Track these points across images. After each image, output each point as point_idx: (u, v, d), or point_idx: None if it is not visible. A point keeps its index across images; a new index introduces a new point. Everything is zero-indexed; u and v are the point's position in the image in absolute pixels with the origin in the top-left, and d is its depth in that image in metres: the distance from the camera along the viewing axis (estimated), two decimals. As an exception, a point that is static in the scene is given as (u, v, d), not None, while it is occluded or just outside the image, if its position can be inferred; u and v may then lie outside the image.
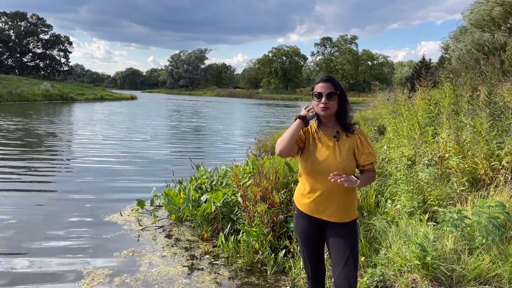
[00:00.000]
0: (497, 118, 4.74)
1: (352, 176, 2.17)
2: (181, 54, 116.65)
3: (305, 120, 2.30)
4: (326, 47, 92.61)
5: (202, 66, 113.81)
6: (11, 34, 65.78)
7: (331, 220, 2.29)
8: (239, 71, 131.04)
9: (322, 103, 2.26)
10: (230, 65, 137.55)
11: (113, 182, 7.55)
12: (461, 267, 3.02)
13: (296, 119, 2.30)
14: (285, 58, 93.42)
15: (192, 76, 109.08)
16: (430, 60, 38.18)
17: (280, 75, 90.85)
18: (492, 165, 4.22)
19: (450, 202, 4.07)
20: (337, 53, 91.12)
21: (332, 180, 2.08)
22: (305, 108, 2.37)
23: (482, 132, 4.40)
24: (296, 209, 2.46)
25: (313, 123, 2.43)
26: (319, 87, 2.29)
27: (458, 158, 4.49)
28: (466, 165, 4.40)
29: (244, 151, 11.37)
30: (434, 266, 3.03)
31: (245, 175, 5.38)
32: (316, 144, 2.33)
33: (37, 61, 69.64)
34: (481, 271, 2.98)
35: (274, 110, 39.19)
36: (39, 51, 69.22)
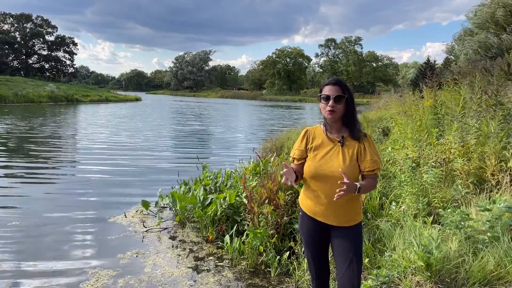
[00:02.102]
0: (505, 120, 4.72)
1: (355, 183, 2.15)
2: (185, 55, 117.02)
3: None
4: (330, 49, 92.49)
5: (206, 67, 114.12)
6: (17, 35, 66.10)
7: (335, 224, 2.29)
8: (243, 72, 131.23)
9: (329, 106, 2.23)
10: (234, 67, 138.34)
11: (118, 184, 7.59)
12: (465, 269, 3.01)
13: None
14: (288, 59, 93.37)
15: (196, 78, 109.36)
16: (435, 61, 37.90)
17: (284, 76, 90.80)
18: (500, 165, 4.21)
19: (454, 204, 4.05)
20: (341, 55, 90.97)
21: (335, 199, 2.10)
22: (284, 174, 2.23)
23: (490, 133, 4.38)
24: (300, 211, 2.46)
25: (318, 126, 2.43)
26: (327, 90, 2.26)
27: (463, 160, 4.47)
28: (471, 167, 4.38)
29: (249, 153, 11.36)
30: (438, 268, 3.02)
31: (252, 176, 5.38)
32: (321, 149, 2.32)
33: (43, 62, 69.91)
34: (486, 273, 2.96)
35: (278, 112, 39.18)
36: (44, 52, 69.51)
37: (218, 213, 4.79)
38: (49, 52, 69.60)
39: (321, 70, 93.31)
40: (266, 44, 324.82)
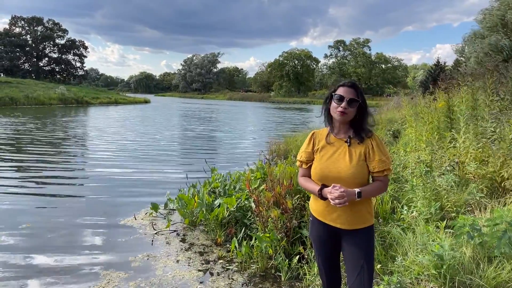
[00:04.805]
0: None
1: (354, 189, 2.12)
2: (194, 58, 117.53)
3: (321, 197, 2.23)
4: (340, 50, 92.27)
5: (215, 69, 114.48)
6: (28, 38, 67.09)
7: (344, 228, 2.25)
8: (251, 74, 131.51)
9: (341, 107, 2.20)
10: (242, 69, 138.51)
11: (127, 186, 7.61)
12: (480, 276, 2.95)
13: (318, 190, 2.22)
14: (296, 61, 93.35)
15: (204, 80, 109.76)
16: (445, 63, 37.65)
17: (292, 78, 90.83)
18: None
19: (468, 209, 4.00)
20: (350, 56, 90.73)
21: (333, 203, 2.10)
22: (331, 193, 2.12)
23: (506, 136, 4.32)
24: (311, 215, 2.43)
25: (325, 129, 2.39)
26: (341, 91, 2.23)
27: (477, 164, 4.41)
28: (485, 171, 4.31)
29: (256, 155, 11.36)
30: (452, 275, 2.97)
31: (256, 180, 5.38)
32: (327, 149, 2.29)
33: (53, 65, 70.82)
34: (501, 280, 2.91)
35: (286, 114, 39.13)
36: (55, 55, 70.46)
37: (221, 216, 4.79)
38: (60, 55, 70.54)
39: (329, 71, 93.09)
40: (275, 46, 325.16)
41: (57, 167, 9.25)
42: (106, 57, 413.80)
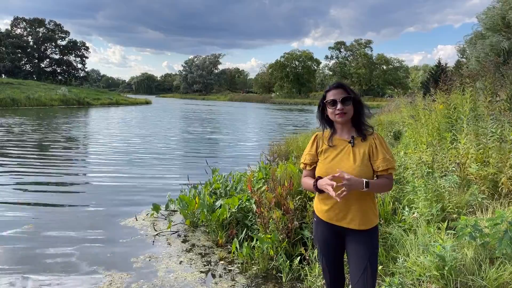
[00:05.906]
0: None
1: (362, 179, 2.11)
2: (195, 59, 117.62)
3: (317, 189, 2.24)
4: (341, 51, 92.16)
5: (216, 71, 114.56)
6: (30, 40, 67.24)
7: (350, 227, 2.26)
8: (252, 75, 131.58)
9: (338, 109, 2.23)
10: (243, 70, 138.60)
11: (128, 187, 7.63)
12: (482, 277, 2.95)
13: (314, 185, 2.24)
14: (297, 62, 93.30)
15: (205, 81, 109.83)
16: (446, 64, 37.61)
17: (293, 79, 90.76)
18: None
19: (470, 210, 3.99)
20: (351, 58, 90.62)
21: (338, 197, 2.06)
22: (326, 183, 2.13)
23: (506, 137, 4.31)
24: (315, 217, 2.43)
25: (327, 131, 2.40)
26: (331, 95, 2.27)
27: (478, 165, 4.41)
28: (487, 172, 4.31)
29: (257, 156, 11.35)
30: (454, 277, 2.97)
31: (259, 181, 5.38)
32: (331, 151, 2.31)
33: (55, 66, 70.94)
34: (503, 281, 2.91)
35: (288, 115, 39.12)
36: (56, 56, 70.56)
37: (223, 217, 4.79)
38: (61, 56, 70.65)
39: (330, 73, 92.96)
40: (276, 47, 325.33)
41: (58, 168, 9.26)
42: (107, 58, 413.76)
